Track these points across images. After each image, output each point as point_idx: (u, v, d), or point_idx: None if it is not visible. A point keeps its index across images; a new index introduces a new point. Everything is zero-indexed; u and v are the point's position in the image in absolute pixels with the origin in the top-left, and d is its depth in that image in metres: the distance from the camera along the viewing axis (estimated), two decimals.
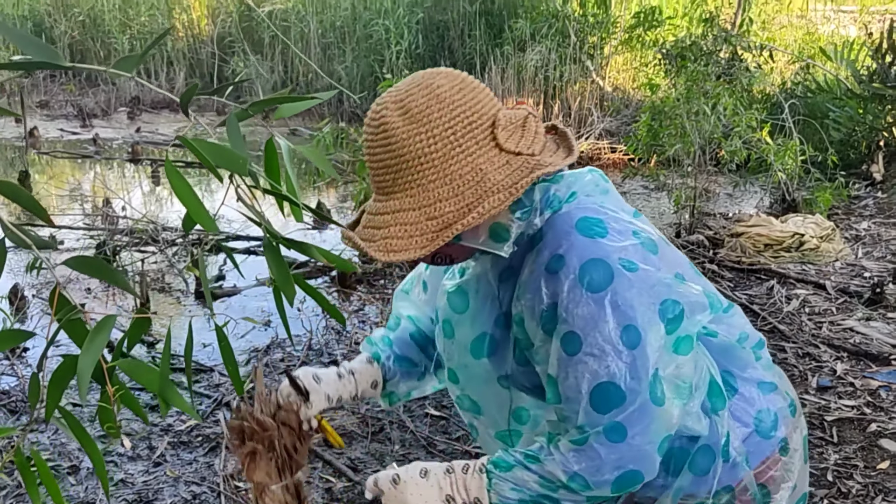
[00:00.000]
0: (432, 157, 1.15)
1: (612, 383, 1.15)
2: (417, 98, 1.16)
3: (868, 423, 3.16)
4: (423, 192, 1.16)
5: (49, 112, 10.53)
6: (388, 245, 1.16)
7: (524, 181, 1.15)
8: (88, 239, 5.49)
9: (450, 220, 1.15)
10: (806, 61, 7.91)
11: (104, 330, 1.01)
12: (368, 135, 1.20)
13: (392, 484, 1.26)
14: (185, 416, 3.33)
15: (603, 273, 1.14)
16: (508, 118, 1.20)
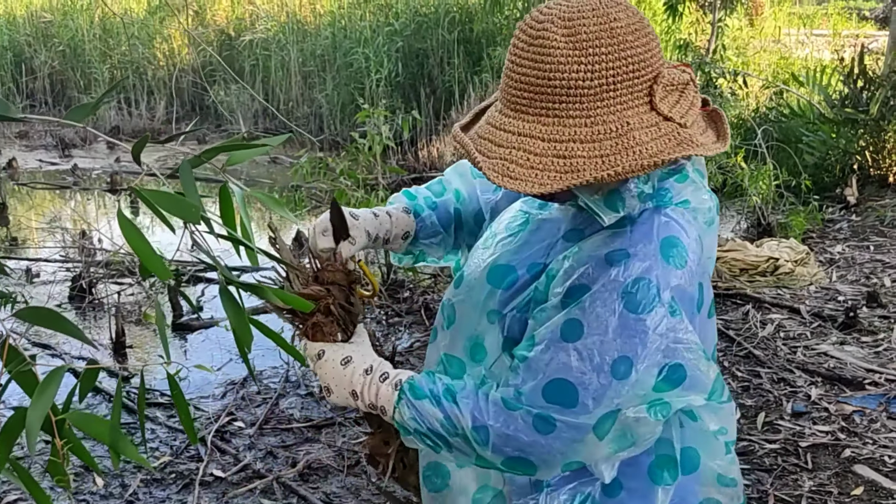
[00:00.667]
0: (583, 92, 1.06)
1: (575, 389, 1.10)
2: (589, 24, 1.06)
3: (842, 448, 3.18)
4: (559, 124, 1.07)
5: (28, 143, 10.49)
6: (507, 169, 1.07)
7: (670, 152, 1.07)
8: (65, 271, 5.46)
9: (579, 165, 1.06)
10: (779, 87, 8.03)
11: (52, 383, 1.01)
12: (520, 43, 1.10)
13: (316, 357, 1.29)
14: (159, 452, 3.30)
15: (649, 300, 1.09)
16: (671, 78, 1.10)
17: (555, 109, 1.07)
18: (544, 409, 1.12)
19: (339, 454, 3.23)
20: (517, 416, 1.14)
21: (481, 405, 1.16)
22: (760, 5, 12.97)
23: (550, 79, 1.06)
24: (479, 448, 1.16)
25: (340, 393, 1.26)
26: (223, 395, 3.80)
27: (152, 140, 1.19)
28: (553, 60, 1.06)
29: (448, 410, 1.17)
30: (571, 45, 1.06)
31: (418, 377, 1.23)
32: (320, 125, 10.26)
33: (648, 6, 10.30)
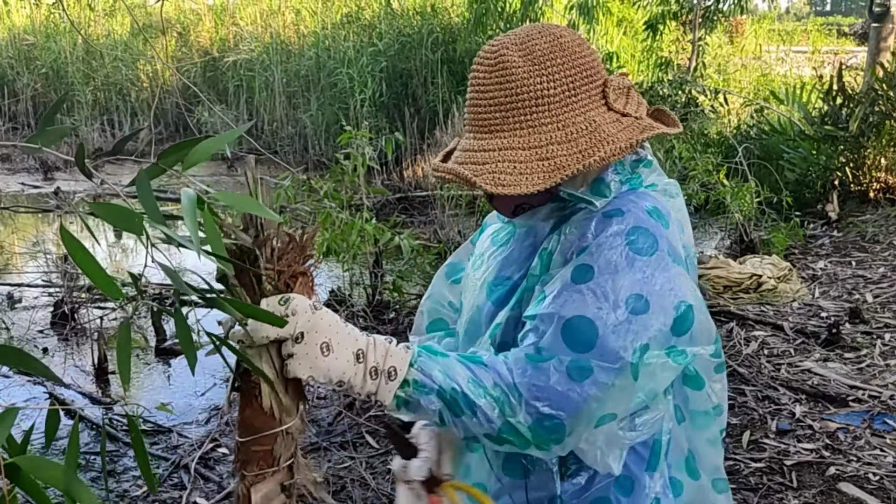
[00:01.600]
0: (549, 101, 1.16)
1: (593, 325, 1.10)
2: (541, 43, 1.18)
3: (827, 466, 3.18)
4: (534, 133, 1.16)
5: (10, 166, 10.44)
6: (497, 179, 1.15)
7: (639, 137, 1.18)
8: (47, 296, 5.41)
9: (562, 163, 1.15)
10: (759, 104, 8.11)
11: (3, 426, 0.98)
12: (482, 71, 1.19)
13: (311, 309, 1.08)
14: (142, 481, 3.26)
15: (649, 245, 1.14)
16: (617, 83, 1.22)
17: (527, 121, 1.17)
18: (576, 357, 1.10)
19: (324, 479, 3.21)
20: (547, 367, 1.11)
21: (510, 364, 1.13)
22: (740, 23, 13.12)
23: (518, 94, 1.17)
24: (507, 411, 1.10)
25: (342, 354, 1.08)
26: (207, 421, 3.77)
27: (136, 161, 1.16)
28: (516, 78, 1.17)
29: (474, 370, 1.12)
30: (530, 62, 1.17)
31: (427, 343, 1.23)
32: (305, 145, 10.27)
33: (630, 25, 10.41)
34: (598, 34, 9.92)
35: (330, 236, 4.72)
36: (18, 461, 0.99)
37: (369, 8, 10.86)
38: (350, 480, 3.19)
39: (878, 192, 6.86)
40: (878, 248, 5.89)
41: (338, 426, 3.65)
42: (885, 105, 6.69)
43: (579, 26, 9.10)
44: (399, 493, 1.31)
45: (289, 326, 1.06)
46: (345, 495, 3.12)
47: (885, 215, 6.51)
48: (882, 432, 3.39)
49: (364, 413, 3.74)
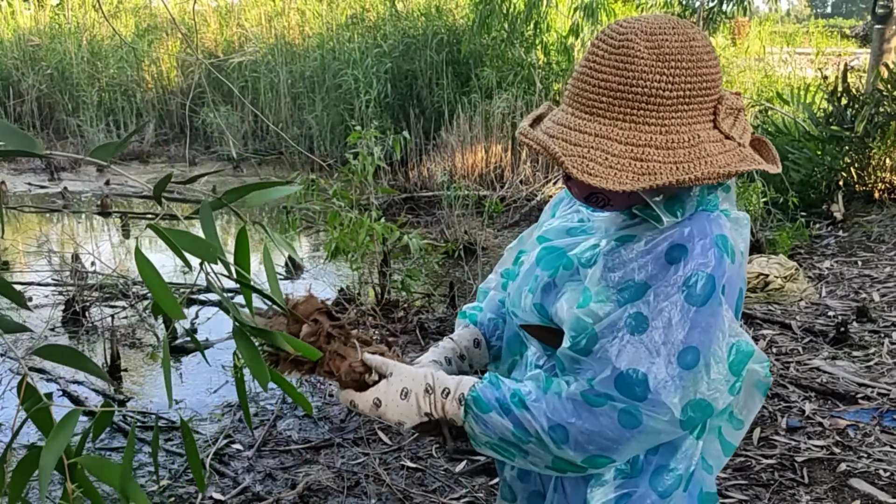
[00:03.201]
0: (661, 101, 1.12)
1: (645, 380, 1.13)
2: (671, 40, 1.13)
3: (838, 462, 3.21)
4: (635, 129, 1.13)
5: (17, 166, 10.47)
6: (586, 166, 1.12)
7: (739, 165, 1.15)
8: (58, 295, 5.44)
9: (655, 169, 1.12)
10: (764, 105, 8.14)
11: (68, 426, 1.01)
12: (601, 52, 1.15)
13: (374, 408, 1.26)
14: (157, 476, 3.29)
15: (706, 293, 1.13)
16: (731, 102, 1.18)
17: (632, 115, 1.13)
18: (629, 404, 1.14)
19: (338, 475, 3.23)
20: (601, 412, 1.16)
21: (557, 405, 1.18)
22: (743, 25, 13.15)
23: (632, 85, 1.12)
24: (556, 449, 1.18)
25: (413, 420, 1.27)
26: (220, 418, 3.79)
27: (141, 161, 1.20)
28: (636, 68, 1.12)
29: (519, 417, 1.19)
30: (655, 56, 1.12)
31: (481, 386, 1.25)
32: (310, 146, 10.29)
33: None
34: None
35: (339, 235, 4.75)
36: (81, 460, 1.01)
37: (374, 9, 10.90)
38: (364, 476, 3.22)
39: (883, 193, 6.88)
40: (884, 248, 5.91)
41: (350, 423, 3.68)
42: (890, 106, 6.72)
43: (584, 28, 9.13)
44: None
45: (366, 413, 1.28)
46: (359, 491, 3.14)
47: (890, 215, 6.54)
48: (892, 429, 3.42)
49: None
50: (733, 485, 3.09)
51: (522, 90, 8.86)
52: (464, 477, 3.22)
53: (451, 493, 3.11)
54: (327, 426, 3.66)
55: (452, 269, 5.98)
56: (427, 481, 3.20)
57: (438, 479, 3.20)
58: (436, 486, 3.16)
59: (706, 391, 1.15)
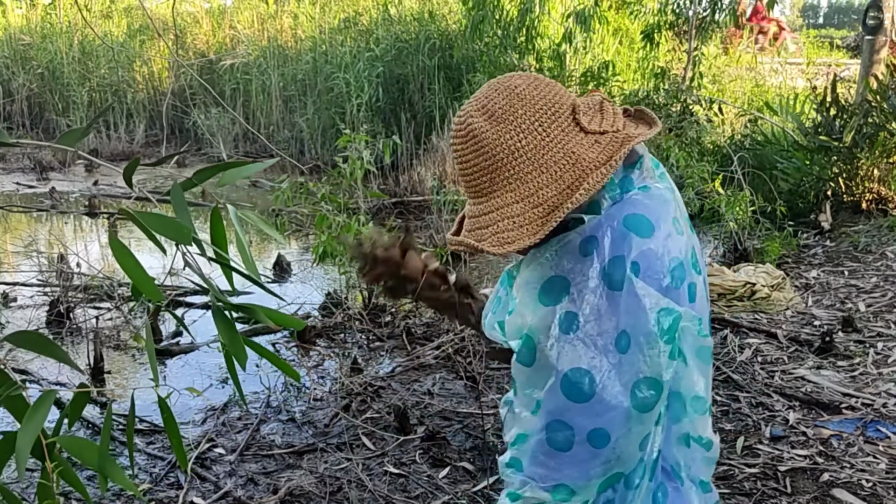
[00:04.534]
0: (525, 150, 1.21)
1: (590, 374, 1.17)
2: (498, 100, 1.22)
3: (821, 472, 3.21)
4: (522, 184, 1.21)
5: (5, 165, 10.41)
6: (501, 238, 1.21)
7: (618, 154, 1.20)
8: (42, 296, 5.41)
9: (555, 203, 1.19)
10: (754, 114, 8.17)
11: (42, 407, 1.01)
12: (458, 145, 1.26)
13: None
14: (139, 480, 3.26)
15: (622, 274, 1.17)
16: (586, 104, 1.26)
17: (512, 175, 1.22)
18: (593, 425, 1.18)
19: (321, 480, 3.21)
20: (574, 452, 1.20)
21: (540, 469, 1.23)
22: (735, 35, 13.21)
23: (494, 155, 1.22)
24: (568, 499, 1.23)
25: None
26: (203, 421, 3.77)
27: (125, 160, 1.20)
28: (487, 141, 1.22)
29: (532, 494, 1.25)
30: (494, 122, 1.22)
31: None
32: (301, 149, 10.28)
33: (626, 35, 10.47)
34: (595, 43, 9.97)
35: (327, 239, 4.73)
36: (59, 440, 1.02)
37: (367, 13, 10.90)
38: (347, 482, 3.20)
39: (870, 203, 6.91)
40: (871, 259, 5.93)
41: (334, 427, 3.66)
42: (878, 117, 6.75)
43: (576, 35, 9.15)
44: None
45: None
46: (341, 496, 3.12)
47: (877, 226, 6.56)
48: (875, 439, 3.42)
49: (361, 415, 3.76)
50: None
51: None
52: (446, 483, 3.20)
53: (434, 499, 3.09)
54: (311, 431, 3.64)
55: None
56: (410, 487, 3.19)
57: (421, 485, 3.19)
58: (418, 492, 3.15)
59: (646, 368, 1.17)
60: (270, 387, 4.02)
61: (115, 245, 1.06)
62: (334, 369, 4.31)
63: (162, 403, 1.18)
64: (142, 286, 1.09)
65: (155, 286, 1.10)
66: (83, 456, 1.08)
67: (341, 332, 4.79)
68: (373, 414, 3.77)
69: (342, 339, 4.72)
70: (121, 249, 1.07)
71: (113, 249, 1.05)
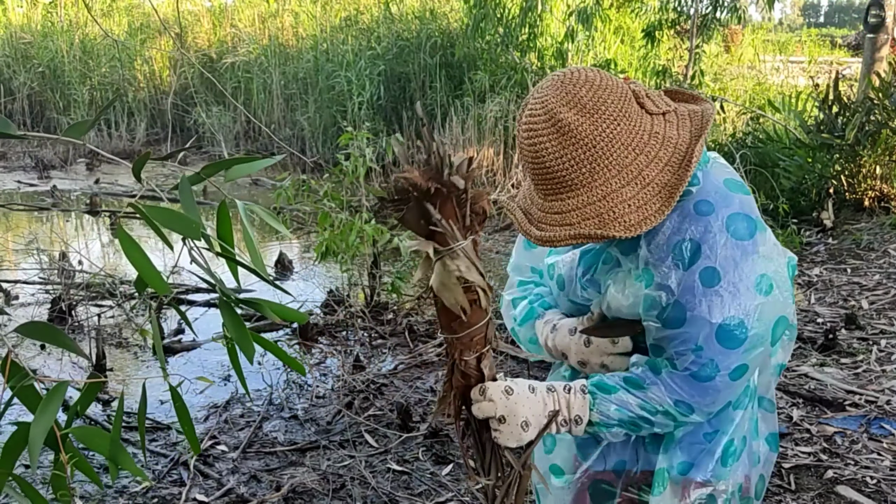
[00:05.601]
0: (620, 137, 1.25)
1: (741, 321, 1.27)
2: (585, 93, 1.25)
3: (825, 469, 3.20)
4: (624, 170, 1.25)
5: (6, 164, 10.41)
6: (625, 222, 1.24)
7: (706, 129, 1.29)
8: (44, 293, 5.40)
9: (662, 182, 1.25)
10: (755, 112, 8.16)
11: (55, 398, 1.01)
12: (548, 142, 1.26)
13: (504, 394, 1.33)
14: (141, 477, 3.25)
15: (746, 225, 1.28)
16: (637, 89, 1.31)
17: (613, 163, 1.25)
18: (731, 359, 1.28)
19: (323, 478, 3.21)
20: (713, 385, 1.30)
21: (673, 385, 1.32)
22: (736, 33, 13.20)
23: (594, 146, 1.25)
24: (684, 418, 1.34)
25: (539, 421, 1.35)
26: (206, 419, 3.76)
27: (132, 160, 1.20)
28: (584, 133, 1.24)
29: (642, 396, 1.34)
30: (587, 115, 1.24)
31: (596, 378, 1.37)
32: (302, 147, 10.27)
33: (627, 32, 10.46)
34: (597, 41, 9.96)
35: (329, 237, 4.73)
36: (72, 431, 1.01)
37: (368, 12, 10.89)
38: (350, 479, 3.19)
39: (873, 201, 6.89)
40: (873, 256, 5.92)
41: (337, 425, 3.65)
42: (881, 114, 6.73)
43: (578, 33, 9.14)
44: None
45: (490, 409, 1.32)
46: (344, 493, 3.12)
47: (879, 223, 6.55)
48: (879, 436, 3.42)
49: (363, 412, 3.75)
50: None
51: (515, 94, 8.86)
52: (449, 480, 3.20)
53: (437, 496, 3.09)
54: (313, 428, 3.64)
55: None
56: (413, 484, 3.18)
57: (424, 482, 3.18)
58: (421, 489, 3.14)
59: (783, 308, 1.32)
60: (273, 384, 4.02)
61: (123, 237, 1.05)
62: (336, 367, 4.31)
63: (174, 392, 1.18)
64: (149, 278, 1.09)
65: (162, 278, 1.09)
66: (95, 445, 1.08)
67: (343, 330, 4.79)
68: (375, 411, 3.76)
69: (344, 337, 4.72)
70: (128, 242, 1.06)
71: (121, 241, 1.05)
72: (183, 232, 1.05)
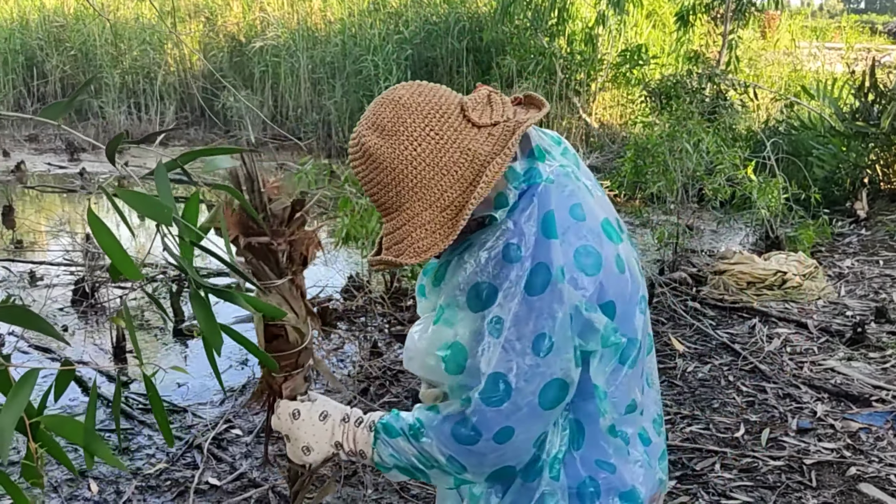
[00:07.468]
0: (422, 158, 1.21)
1: (506, 378, 1.20)
2: (386, 114, 1.22)
3: (848, 466, 3.12)
4: (427, 191, 1.22)
5: (38, 146, 10.54)
6: (417, 248, 1.22)
7: (512, 141, 1.21)
8: (68, 275, 5.45)
9: (461, 202, 1.21)
10: (789, 99, 7.98)
11: (26, 385, 0.99)
12: (357, 167, 1.26)
13: (290, 417, 1.35)
14: (155, 459, 3.27)
15: (542, 279, 1.20)
16: (474, 99, 1.26)
17: (415, 184, 1.21)
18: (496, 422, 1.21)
19: (335, 464, 3.19)
20: (479, 446, 1.23)
21: (444, 439, 1.25)
22: (773, 18, 12.91)
23: (394, 169, 1.21)
24: (458, 474, 1.28)
25: (322, 448, 1.35)
26: (221, 403, 3.77)
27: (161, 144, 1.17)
28: (384, 157, 1.22)
29: (421, 446, 1.28)
30: (386, 137, 1.21)
31: (388, 416, 1.33)
32: (328, 132, 10.27)
33: (659, 18, 10.28)
34: (628, 26, 9.81)
35: (350, 222, 4.70)
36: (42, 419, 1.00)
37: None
38: (362, 466, 3.18)
39: None
40: None
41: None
42: None
43: (609, 18, 9.00)
44: None
45: (277, 426, 1.37)
46: (356, 480, 3.10)
47: None
48: None
49: (379, 398, 3.73)
50: (738, 486, 3.01)
51: (543, 79, 8.76)
52: None
53: None
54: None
55: None
56: None
57: None
58: None
59: (559, 371, 1.21)
60: None
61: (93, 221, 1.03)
62: (354, 352, 4.29)
63: (148, 382, 1.15)
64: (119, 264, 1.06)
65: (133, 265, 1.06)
66: (67, 433, 1.06)
67: (362, 316, 4.77)
68: (391, 398, 3.74)
69: (363, 323, 4.70)
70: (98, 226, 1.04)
71: (91, 225, 1.02)
72: (154, 217, 1.02)
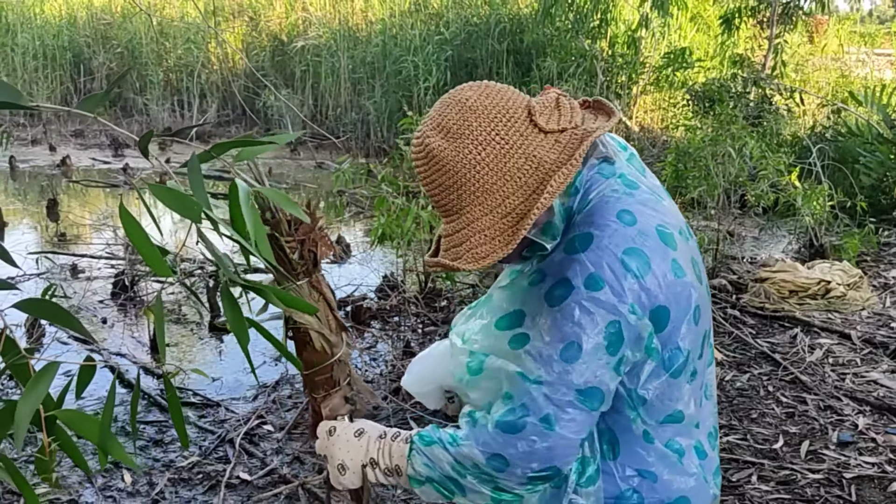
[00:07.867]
0: (486, 162, 1.18)
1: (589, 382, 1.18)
2: (451, 116, 1.19)
3: (889, 481, 3.03)
4: (489, 196, 1.18)
5: (83, 141, 10.74)
6: (475, 254, 1.19)
7: (579, 151, 1.18)
8: (109, 268, 5.54)
9: (522, 211, 1.17)
10: (837, 105, 7.80)
11: (45, 378, 0.98)
12: (420, 167, 1.23)
13: (326, 435, 1.35)
14: (188, 452, 3.29)
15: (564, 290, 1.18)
16: (541, 103, 1.22)
17: (478, 189, 1.18)
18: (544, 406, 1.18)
19: None
20: (524, 434, 1.19)
21: (486, 438, 1.22)
22: (821, 23, 12.66)
23: (457, 172, 1.18)
24: (500, 476, 1.22)
25: (356, 467, 1.32)
26: (254, 398, 3.79)
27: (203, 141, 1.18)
28: (448, 160, 1.19)
29: (455, 454, 1.24)
30: (451, 140, 1.18)
31: (427, 428, 1.31)
32: (367, 132, 10.30)
33: (703, 21, 10.14)
34: (672, 29, 9.68)
35: (385, 221, 4.70)
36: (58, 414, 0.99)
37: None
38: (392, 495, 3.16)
39: None
40: None
41: (382, 411, 3.63)
42: None
43: (652, 20, 8.89)
44: None
45: (317, 447, 1.38)
46: None
47: None
48: None
49: (410, 398, 3.71)
50: (775, 498, 2.94)
51: (584, 82, 8.69)
52: None
53: None
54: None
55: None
56: None
57: None
58: None
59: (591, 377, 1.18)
60: None
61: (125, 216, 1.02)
62: (387, 351, 4.28)
63: (167, 382, 1.14)
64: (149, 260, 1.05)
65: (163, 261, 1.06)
66: (83, 430, 1.05)
67: (396, 315, 4.76)
68: None
69: (396, 323, 4.69)
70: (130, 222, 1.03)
71: (122, 220, 1.01)
72: (182, 213, 1.01)
